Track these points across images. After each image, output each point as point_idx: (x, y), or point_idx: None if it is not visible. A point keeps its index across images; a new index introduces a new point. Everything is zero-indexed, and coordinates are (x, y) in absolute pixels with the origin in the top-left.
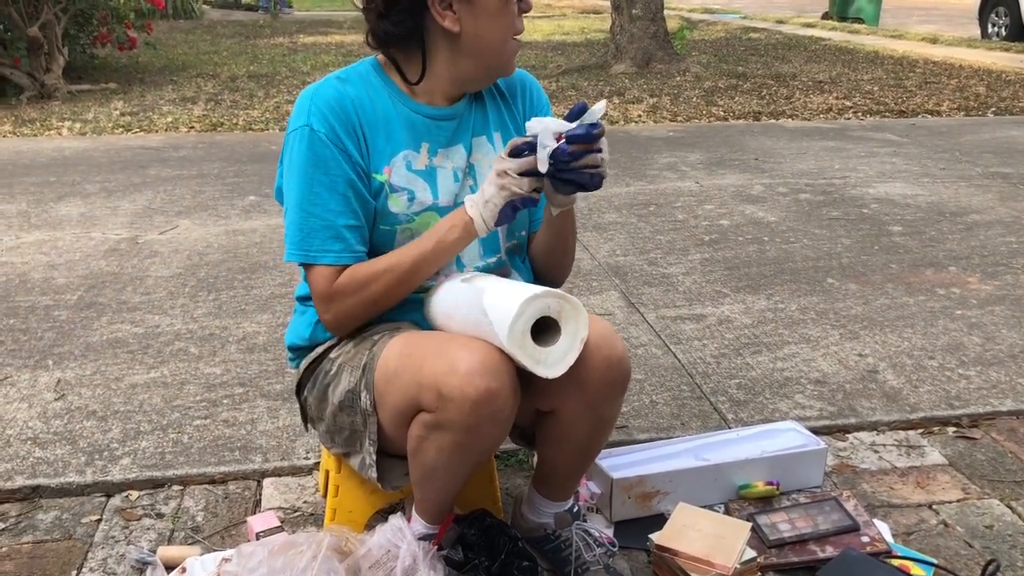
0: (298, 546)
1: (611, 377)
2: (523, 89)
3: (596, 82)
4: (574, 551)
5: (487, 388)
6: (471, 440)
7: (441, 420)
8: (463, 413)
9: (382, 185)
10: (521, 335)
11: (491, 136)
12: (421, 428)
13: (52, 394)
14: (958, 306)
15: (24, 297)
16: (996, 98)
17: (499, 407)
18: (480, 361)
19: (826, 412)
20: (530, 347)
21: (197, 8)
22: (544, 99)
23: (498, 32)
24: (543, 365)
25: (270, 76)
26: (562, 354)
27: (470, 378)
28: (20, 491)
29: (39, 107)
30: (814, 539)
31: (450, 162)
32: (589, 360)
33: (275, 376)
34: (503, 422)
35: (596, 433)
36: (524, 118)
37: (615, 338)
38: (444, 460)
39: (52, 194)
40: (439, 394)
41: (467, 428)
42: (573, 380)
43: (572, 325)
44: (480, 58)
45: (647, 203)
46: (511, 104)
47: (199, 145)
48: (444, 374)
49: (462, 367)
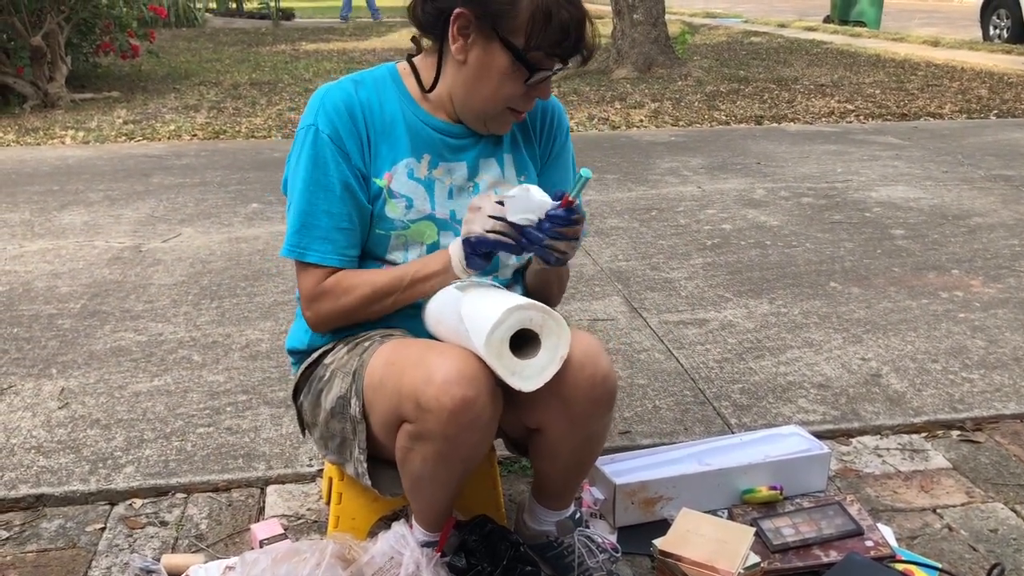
0: (302, 554)
1: (595, 395)
2: (543, 111)
3: (598, 87)
4: (577, 557)
5: (463, 397)
6: (451, 449)
7: (421, 431)
8: (441, 423)
9: (381, 190)
10: (499, 343)
11: (501, 158)
12: (406, 439)
13: (56, 403)
14: (961, 309)
15: (28, 306)
16: (998, 100)
17: (476, 415)
18: (456, 369)
19: (829, 416)
20: (507, 357)
21: (199, 16)
22: (565, 123)
23: (493, 92)
24: (518, 377)
25: (272, 83)
26: (539, 368)
27: (446, 387)
28: (24, 500)
29: (42, 116)
30: (818, 544)
31: (449, 177)
32: (573, 378)
33: (278, 383)
34: (482, 429)
35: (585, 449)
36: (542, 140)
37: (600, 356)
38: (429, 470)
39: (55, 203)
40: (417, 404)
41: (446, 437)
42: (557, 397)
43: (553, 340)
44: (471, 101)
45: (649, 208)
46: (528, 126)
47: (202, 153)
48: (421, 383)
49: (438, 376)
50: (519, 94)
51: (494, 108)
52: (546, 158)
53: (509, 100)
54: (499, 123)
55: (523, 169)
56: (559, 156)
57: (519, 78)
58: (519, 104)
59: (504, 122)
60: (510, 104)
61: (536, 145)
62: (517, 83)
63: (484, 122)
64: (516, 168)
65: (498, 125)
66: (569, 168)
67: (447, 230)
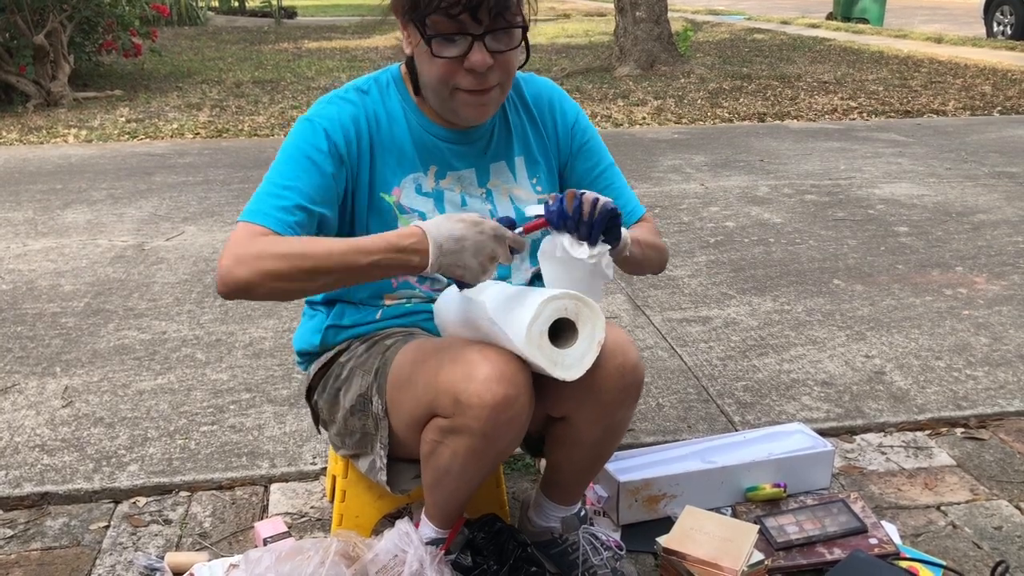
0: (305, 551)
1: (624, 384)
2: (551, 106)
3: (600, 85)
4: (581, 555)
5: (505, 395)
6: (486, 445)
7: (457, 425)
8: (480, 419)
9: (391, 206)
10: (539, 336)
11: (512, 161)
12: (436, 432)
13: (60, 401)
14: (965, 306)
15: (31, 304)
16: (1002, 97)
17: (516, 413)
18: (498, 368)
19: (833, 414)
20: (547, 348)
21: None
22: (573, 109)
23: (435, 79)
24: (560, 367)
25: (275, 82)
26: (579, 356)
27: (488, 384)
28: (28, 498)
29: (45, 115)
30: (822, 541)
31: (459, 186)
32: (603, 367)
33: (281, 381)
34: (519, 428)
35: (607, 438)
36: (554, 135)
37: (629, 344)
38: (458, 464)
39: (59, 201)
40: (456, 400)
41: (484, 434)
42: (587, 386)
43: (589, 327)
44: (428, 92)
45: (652, 205)
46: (539, 125)
47: (204, 151)
48: (461, 380)
49: (480, 374)
50: (451, 71)
51: (444, 90)
52: (568, 150)
53: (447, 78)
54: (461, 107)
55: (535, 171)
56: (585, 144)
57: (440, 55)
58: (460, 81)
59: (465, 104)
60: (452, 83)
61: (547, 139)
62: (441, 60)
63: (454, 112)
64: (528, 170)
65: (464, 109)
66: (600, 157)
67: None
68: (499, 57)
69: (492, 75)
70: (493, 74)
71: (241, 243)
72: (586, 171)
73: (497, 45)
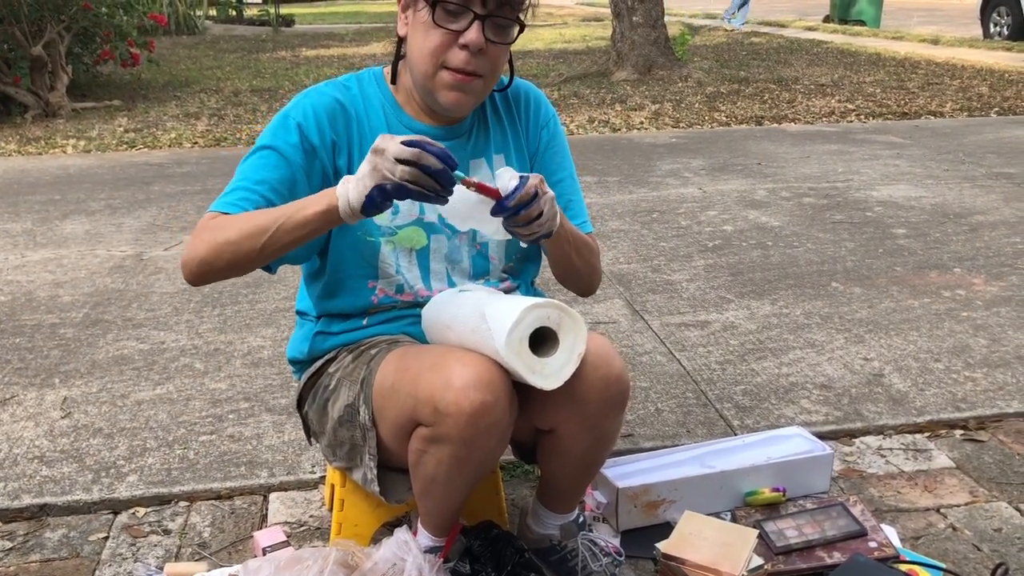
0: (304, 561)
1: (609, 395)
2: (527, 104)
3: (598, 89)
4: (580, 561)
5: (482, 401)
6: (469, 453)
7: (439, 434)
8: (459, 427)
9: None
10: (519, 343)
11: (491, 159)
12: (420, 442)
13: (58, 412)
14: (963, 308)
15: (30, 315)
16: (999, 98)
17: (495, 420)
18: (475, 375)
19: (832, 417)
20: (527, 356)
21: (199, 24)
22: (548, 112)
23: (426, 51)
24: (539, 376)
25: (273, 90)
26: (559, 366)
27: (465, 392)
28: (27, 509)
29: (43, 125)
30: (821, 545)
31: None
32: (586, 378)
33: (280, 390)
34: (500, 435)
35: (596, 449)
36: (529, 135)
37: (613, 355)
38: (444, 473)
39: (57, 212)
40: (435, 408)
41: (464, 441)
42: (571, 398)
43: (570, 338)
44: (415, 73)
45: (650, 210)
46: (516, 121)
47: (203, 160)
48: (440, 388)
49: (457, 381)
50: (445, 43)
51: (431, 65)
52: (535, 148)
53: (438, 53)
54: (441, 89)
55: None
56: (549, 145)
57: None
58: (450, 58)
59: (446, 86)
60: (442, 58)
61: (523, 138)
62: (440, 31)
63: (433, 94)
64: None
65: (444, 93)
66: (561, 165)
67: (437, 234)
68: (491, 47)
69: (480, 62)
70: (481, 61)
71: (199, 227)
72: (547, 175)
73: (493, 34)
